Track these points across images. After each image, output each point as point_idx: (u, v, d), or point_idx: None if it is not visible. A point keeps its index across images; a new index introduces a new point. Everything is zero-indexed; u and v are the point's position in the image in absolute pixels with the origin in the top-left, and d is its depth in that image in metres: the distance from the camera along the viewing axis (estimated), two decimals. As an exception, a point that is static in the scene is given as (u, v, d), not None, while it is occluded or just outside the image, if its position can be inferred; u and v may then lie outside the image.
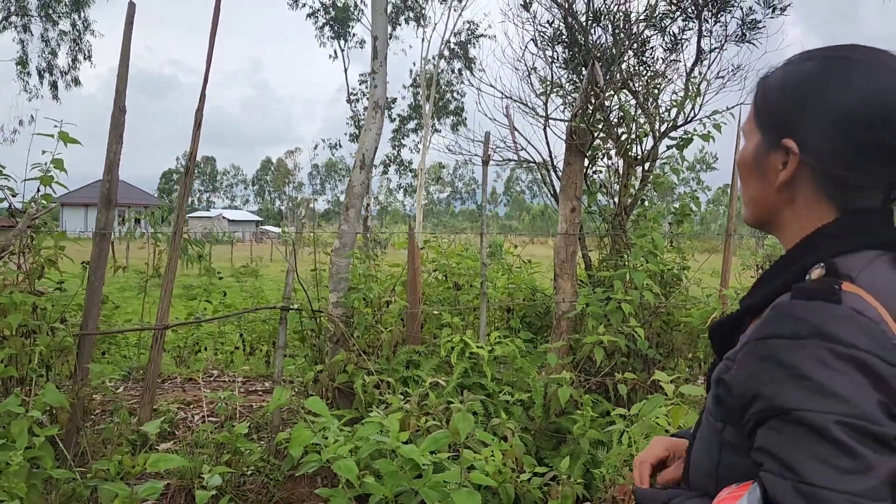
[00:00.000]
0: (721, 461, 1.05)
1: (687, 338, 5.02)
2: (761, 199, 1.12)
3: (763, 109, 1.11)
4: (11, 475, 2.39)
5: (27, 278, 4.14)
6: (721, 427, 1.05)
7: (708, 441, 1.10)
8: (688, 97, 5.51)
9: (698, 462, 1.13)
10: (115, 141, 4.25)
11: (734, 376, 1.00)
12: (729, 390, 1.02)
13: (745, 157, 1.14)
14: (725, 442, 1.05)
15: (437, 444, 2.54)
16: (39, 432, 2.76)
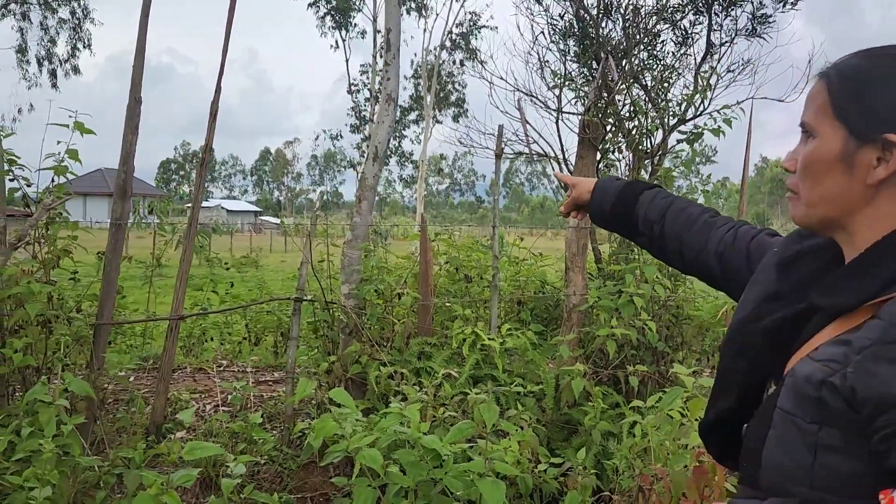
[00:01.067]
0: (816, 462, 1.02)
1: (695, 331, 5.06)
2: (840, 198, 1.08)
3: (847, 102, 1.06)
4: (44, 462, 2.42)
5: (43, 268, 4.16)
6: (816, 429, 1.02)
7: (793, 442, 1.06)
8: (697, 91, 5.53)
9: (778, 463, 1.09)
10: (131, 132, 4.26)
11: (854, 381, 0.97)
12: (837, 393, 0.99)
13: (821, 154, 1.09)
14: (823, 444, 1.02)
15: (461, 434, 2.58)
16: (67, 420, 2.80)
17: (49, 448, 2.47)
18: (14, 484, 2.45)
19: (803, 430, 1.03)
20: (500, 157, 4.94)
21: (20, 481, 2.41)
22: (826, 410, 1.01)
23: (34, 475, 2.37)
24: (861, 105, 1.05)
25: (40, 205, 4.21)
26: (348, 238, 4.97)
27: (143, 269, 9.85)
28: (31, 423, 2.75)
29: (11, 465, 2.62)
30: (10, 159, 4.23)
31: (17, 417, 3.03)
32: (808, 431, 1.03)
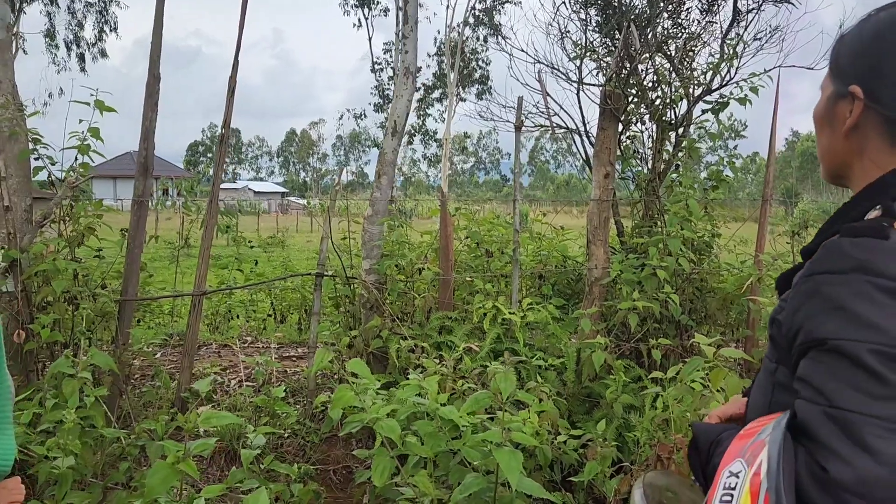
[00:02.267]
0: (772, 399, 1.09)
1: (720, 304, 4.99)
2: (832, 149, 1.15)
3: (835, 62, 1.14)
4: (66, 433, 2.47)
5: (68, 245, 4.22)
6: (774, 368, 1.10)
7: (763, 382, 1.14)
8: (724, 60, 5.40)
9: (754, 403, 1.18)
10: (151, 109, 4.28)
11: (784, 315, 1.04)
12: (780, 328, 1.06)
13: (817, 110, 1.17)
14: (777, 382, 1.09)
15: (477, 404, 2.57)
16: (90, 392, 2.84)
17: (71, 419, 2.51)
18: (38, 454, 2.50)
19: (769, 369, 1.12)
20: (519, 129, 4.89)
21: (44, 451, 2.46)
22: (777, 348, 1.08)
23: (57, 445, 2.41)
24: (839, 62, 1.13)
25: (65, 183, 4.26)
26: (368, 213, 4.97)
27: (171, 249, 9.98)
28: (55, 396, 2.80)
29: (36, 436, 2.67)
30: (35, 138, 4.28)
31: (44, 391, 3.09)
32: (770, 371, 1.11)
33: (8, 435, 1.44)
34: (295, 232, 29.04)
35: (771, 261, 4.81)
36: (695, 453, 1.20)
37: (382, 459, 2.49)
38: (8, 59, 4.20)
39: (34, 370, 3.93)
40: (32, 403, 2.88)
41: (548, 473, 3.49)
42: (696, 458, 1.20)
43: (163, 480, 1.94)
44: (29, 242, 4.03)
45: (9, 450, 1.42)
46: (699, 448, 1.19)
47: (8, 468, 1.42)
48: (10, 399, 1.47)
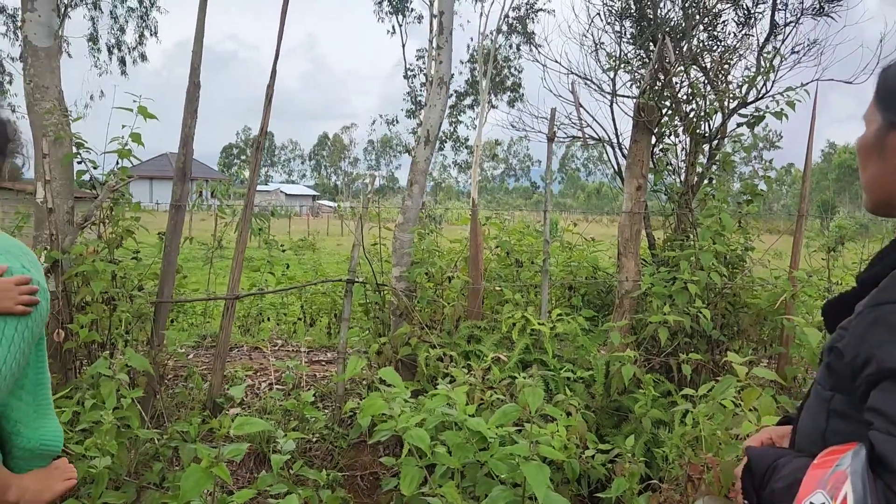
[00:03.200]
0: (828, 428, 1.09)
1: (753, 320, 4.92)
2: (881, 180, 1.13)
3: (883, 93, 1.13)
4: (103, 433, 2.54)
5: (107, 247, 4.31)
6: (830, 396, 1.09)
7: (815, 409, 1.14)
8: (759, 73, 5.35)
9: (804, 428, 1.18)
10: (190, 115, 4.37)
11: (846, 343, 1.03)
12: (841, 357, 1.05)
13: (865, 141, 1.16)
14: (833, 410, 1.09)
15: (506, 417, 2.58)
16: (126, 394, 2.91)
17: (109, 420, 2.58)
18: (76, 452, 2.57)
19: (822, 397, 1.12)
20: (552, 140, 4.89)
21: (82, 450, 2.52)
22: (834, 376, 1.08)
23: (94, 445, 2.48)
24: (888, 93, 1.11)
25: (105, 186, 4.36)
26: (399, 221, 5.00)
27: (205, 251, 10.14)
28: (93, 396, 2.88)
29: (75, 434, 2.74)
30: (78, 143, 4.39)
31: (82, 390, 3.17)
32: (825, 398, 1.11)
33: (54, 419, 1.54)
34: (325, 235, 29.28)
35: (806, 277, 4.74)
36: (749, 477, 1.21)
37: (411, 469, 2.51)
38: (55, 67, 4.32)
39: (72, 368, 4.03)
40: (72, 402, 2.96)
41: (575, 488, 3.48)
42: (750, 482, 1.21)
43: (197, 484, 1.98)
44: (70, 244, 4.13)
45: (58, 431, 1.53)
46: (754, 472, 1.20)
47: (59, 448, 1.53)
48: (49, 388, 1.57)
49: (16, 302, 1.30)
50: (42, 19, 4.30)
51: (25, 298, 1.32)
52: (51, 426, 1.52)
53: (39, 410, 1.49)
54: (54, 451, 1.52)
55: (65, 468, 1.55)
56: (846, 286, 5.76)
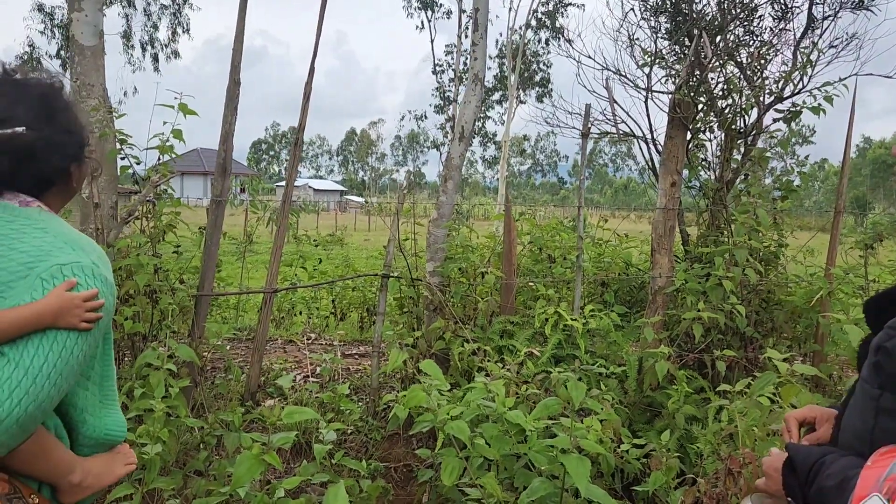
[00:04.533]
0: (876, 426, 1.09)
1: (788, 317, 4.89)
2: None
3: None
4: (155, 421, 2.62)
5: (150, 241, 4.42)
6: (878, 394, 1.09)
7: (862, 407, 1.14)
8: (796, 68, 5.30)
9: (850, 426, 1.17)
10: (231, 113, 4.46)
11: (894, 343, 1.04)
12: (889, 356, 1.05)
13: None
14: (882, 408, 1.08)
15: (548, 410, 2.62)
16: (173, 384, 3.01)
17: (160, 408, 2.67)
18: (128, 440, 2.66)
19: (870, 395, 1.11)
20: (586, 136, 4.90)
21: (134, 437, 2.61)
22: (883, 374, 1.08)
23: (146, 432, 2.57)
24: None
25: (147, 182, 4.47)
26: (434, 217, 5.06)
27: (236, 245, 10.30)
28: (142, 385, 2.97)
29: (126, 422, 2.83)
30: (122, 139, 4.50)
31: (128, 380, 3.27)
32: (872, 396, 1.10)
33: (118, 410, 1.59)
34: (353, 230, 29.49)
35: (842, 275, 4.70)
36: (791, 475, 1.20)
37: (451, 460, 2.56)
38: (100, 65, 4.44)
39: (117, 359, 4.15)
40: (120, 393, 3.05)
41: (609, 481, 3.50)
42: (793, 479, 1.20)
43: (249, 470, 2.06)
44: (115, 238, 4.25)
45: (122, 422, 1.57)
46: (797, 470, 1.19)
47: (122, 438, 1.57)
48: (115, 381, 1.61)
49: (81, 319, 1.31)
50: (88, 19, 4.42)
51: (91, 316, 1.33)
52: (115, 417, 1.55)
53: (105, 401, 1.53)
54: (117, 440, 1.56)
55: (126, 453, 1.59)
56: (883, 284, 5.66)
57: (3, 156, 1.38)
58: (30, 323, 1.26)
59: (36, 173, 1.43)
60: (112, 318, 1.46)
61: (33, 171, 1.42)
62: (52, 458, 1.38)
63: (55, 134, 1.44)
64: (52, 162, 1.44)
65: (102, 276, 1.38)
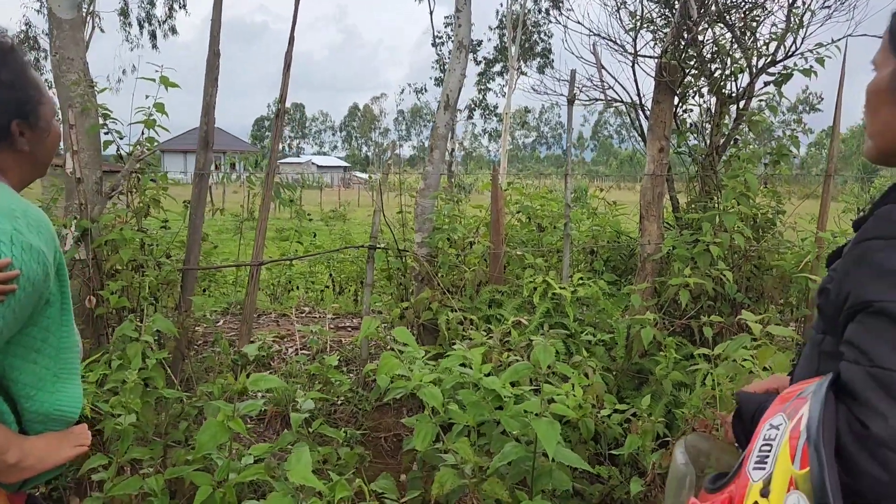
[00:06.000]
0: (819, 369, 1.10)
1: (778, 282, 4.87)
2: (890, 128, 1.11)
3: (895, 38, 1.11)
4: (128, 391, 2.64)
5: (135, 216, 4.42)
6: (821, 339, 1.12)
7: (809, 353, 1.16)
8: (789, 29, 5.20)
9: (799, 373, 1.19)
10: (211, 84, 4.42)
11: (833, 283, 1.05)
12: (828, 297, 1.07)
13: (878, 85, 1.12)
14: (823, 352, 1.10)
15: (517, 374, 2.61)
16: (151, 355, 3.01)
17: (133, 379, 2.68)
18: (105, 411, 2.68)
19: (815, 341, 1.13)
20: (572, 102, 4.84)
21: (108, 408, 2.63)
22: (824, 318, 1.10)
23: (120, 403, 2.58)
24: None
25: (132, 157, 4.45)
26: (421, 187, 5.03)
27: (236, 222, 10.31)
28: (120, 357, 2.98)
29: (103, 394, 2.85)
30: (104, 113, 4.47)
31: (110, 352, 3.28)
32: (816, 342, 1.13)
33: (76, 385, 1.51)
34: (356, 206, 29.45)
35: (831, 238, 4.66)
36: (738, 422, 1.23)
37: (425, 425, 2.57)
38: (79, 38, 4.39)
39: (104, 334, 4.16)
40: (101, 365, 3.07)
41: (593, 447, 3.52)
42: (739, 426, 1.22)
43: (212, 437, 2.06)
44: (99, 213, 4.24)
45: (77, 397, 1.50)
46: (743, 417, 1.21)
47: (76, 415, 1.50)
48: (78, 354, 1.54)
49: None
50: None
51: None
52: (70, 391, 1.48)
53: (61, 375, 1.46)
54: (70, 416, 1.48)
55: (79, 434, 1.51)
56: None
57: None
58: None
59: None
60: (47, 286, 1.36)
61: None
62: None
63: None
64: None
65: (25, 242, 1.30)
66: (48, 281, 1.36)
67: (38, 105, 1.48)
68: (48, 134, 1.53)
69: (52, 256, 1.38)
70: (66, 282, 1.46)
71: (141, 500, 2.54)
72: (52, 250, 1.38)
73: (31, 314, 1.36)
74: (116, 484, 2.37)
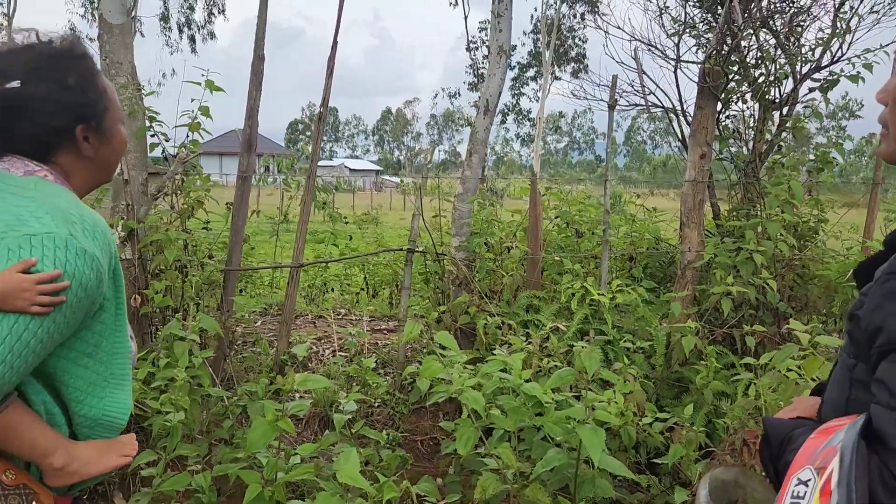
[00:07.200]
0: (850, 396, 1.06)
1: (823, 292, 4.78)
2: None
3: None
4: (177, 389, 2.68)
5: (179, 217, 4.50)
6: (853, 364, 1.06)
7: (840, 377, 1.11)
8: (835, 35, 5.11)
9: (830, 398, 1.14)
10: (255, 88, 4.48)
11: (864, 310, 1.00)
12: (858, 324, 1.02)
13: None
14: (856, 379, 1.05)
15: (560, 381, 2.60)
16: (197, 354, 3.06)
17: (182, 377, 2.72)
18: (152, 408, 2.73)
19: (847, 365, 1.09)
20: (613, 108, 4.82)
21: (157, 406, 2.68)
22: (855, 344, 1.05)
23: (169, 400, 2.63)
24: None
25: (177, 159, 4.54)
26: (459, 192, 5.04)
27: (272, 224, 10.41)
28: (167, 356, 3.03)
29: (151, 392, 2.91)
30: (151, 116, 4.57)
31: (156, 351, 3.34)
32: (848, 366, 1.08)
33: (126, 391, 1.50)
34: (388, 209, 29.59)
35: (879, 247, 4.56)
36: (766, 448, 1.18)
37: (467, 430, 2.57)
38: (128, 43, 4.49)
39: (148, 332, 4.24)
40: (146, 363, 3.13)
41: (633, 455, 3.48)
42: (767, 452, 1.18)
43: (262, 436, 2.09)
44: (145, 214, 4.33)
45: (126, 404, 1.49)
46: (771, 444, 1.17)
47: (124, 422, 1.49)
48: (130, 360, 1.53)
49: (31, 303, 1.21)
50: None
51: (44, 300, 1.22)
52: (119, 398, 1.46)
53: (111, 380, 1.44)
54: (118, 423, 1.47)
55: (126, 443, 1.50)
56: None
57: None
58: None
59: (31, 131, 1.37)
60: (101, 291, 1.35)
61: (27, 128, 1.37)
62: (24, 437, 1.29)
63: (52, 90, 1.37)
64: (45, 119, 1.38)
65: (79, 247, 1.29)
66: (102, 286, 1.35)
67: (104, 111, 1.48)
68: (113, 140, 1.53)
69: (108, 262, 1.37)
70: (122, 288, 1.45)
71: (187, 496, 2.58)
72: (107, 256, 1.37)
73: (84, 319, 1.35)
74: (165, 480, 2.42)
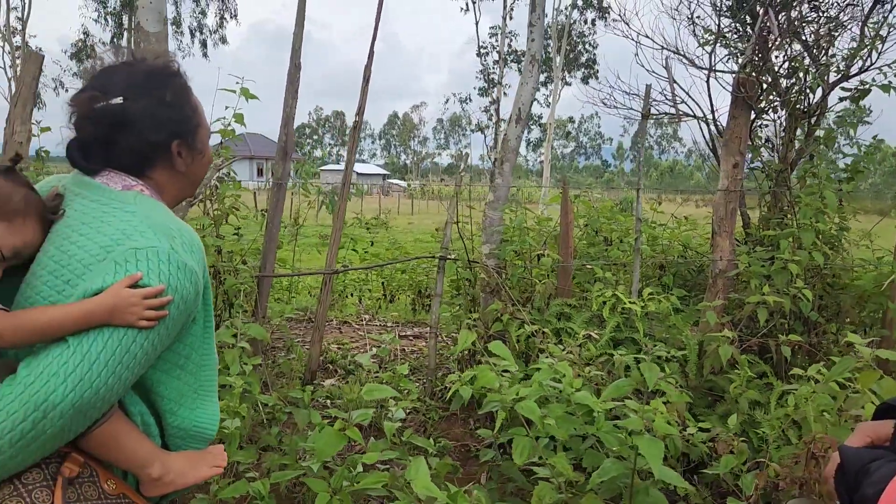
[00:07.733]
0: None
1: (854, 301, 4.78)
2: None
3: None
4: (235, 396, 2.70)
5: (213, 223, 4.53)
6: None
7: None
8: (864, 45, 5.12)
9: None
10: (291, 96, 4.52)
11: None
12: None
13: None
14: None
15: (619, 392, 2.61)
16: (247, 361, 3.08)
17: (239, 384, 2.74)
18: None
19: None
20: (646, 117, 4.83)
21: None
22: None
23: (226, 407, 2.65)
24: None
25: (212, 166, 4.56)
26: (490, 199, 5.06)
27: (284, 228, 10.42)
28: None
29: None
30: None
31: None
32: None
33: (214, 402, 1.52)
34: (396, 214, 29.67)
35: (913, 258, 4.56)
36: (842, 478, 1.15)
37: (522, 440, 2.58)
38: (164, 50, 4.52)
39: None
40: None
41: (674, 465, 3.49)
42: (842, 483, 1.15)
43: (330, 444, 2.11)
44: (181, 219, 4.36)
45: (214, 415, 1.51)
46: (847, 474, 1.13)
47: (213, 433, 1.51)
48: (216, 371, 1.56)
49: (139, 317, 1.24)
50: (153, 5, 4.50)
51: (151, 314, 1.25)
52: (208, 409, 1.49)
53: (200, 392, 1.47)
54: (208, 434, 1.50)
55: (217, 454, 1.53)
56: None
57: (100, 126, 1.37)
58: (79, 322, 1.21)
59: (132, 145, 1.40)
60: (197, 304, 1.38)
61: (129, 142, 1.39)
62: (125, 447, 1.33)
63: (152, 106, 1.41)
64: (145, 134, 1.41)
65: (181, 262, 1.32)
66: (198, 300, 1.38)
67: (196, 127, 1.52)
68: (203, 156, 1.57)
69: (202, 276, 1.40)
70: (210, 301, 1.47)
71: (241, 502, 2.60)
72: (201, 269, 1.40)
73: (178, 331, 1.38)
74: (223, 487, 2.44)
